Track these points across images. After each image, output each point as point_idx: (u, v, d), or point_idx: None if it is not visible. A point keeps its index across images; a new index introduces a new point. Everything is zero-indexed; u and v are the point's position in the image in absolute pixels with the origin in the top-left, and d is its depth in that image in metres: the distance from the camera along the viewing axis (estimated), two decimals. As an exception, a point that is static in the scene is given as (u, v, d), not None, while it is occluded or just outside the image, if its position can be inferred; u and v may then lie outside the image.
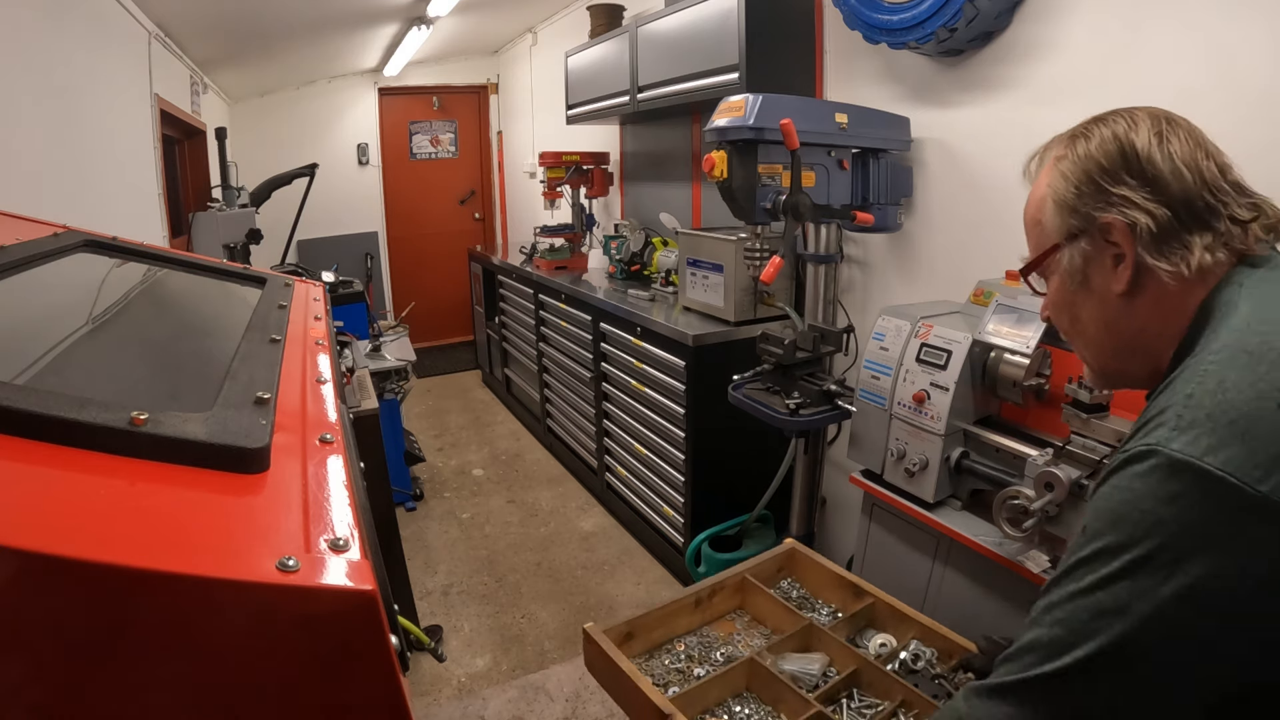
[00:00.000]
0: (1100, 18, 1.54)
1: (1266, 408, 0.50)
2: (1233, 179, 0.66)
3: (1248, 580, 0.50)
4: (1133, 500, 0.53)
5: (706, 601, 1.24)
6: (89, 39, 2.35)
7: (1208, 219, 0.64)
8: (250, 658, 0.44)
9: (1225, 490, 0.49)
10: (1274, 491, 0.48)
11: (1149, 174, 0.65)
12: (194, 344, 0.99)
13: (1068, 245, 0.70)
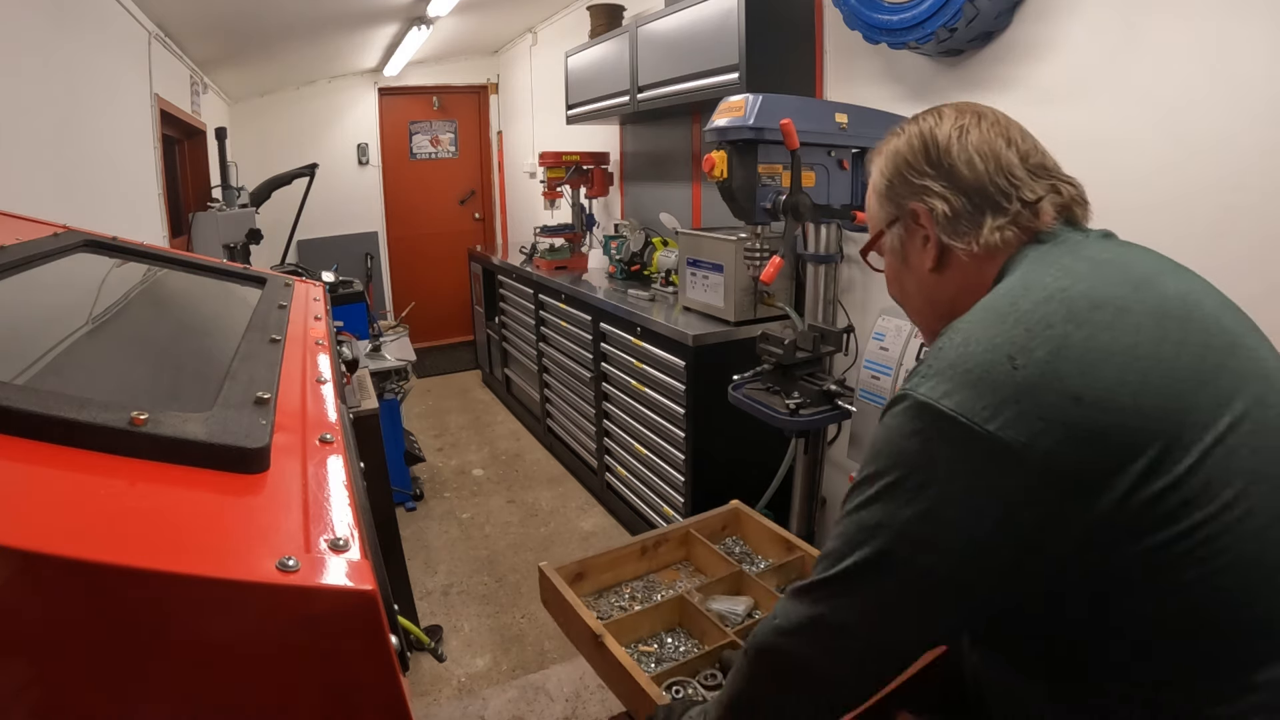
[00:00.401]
0: (1100, 17, 1.54)
1: (999, 360, 0.58)
2: (1034, 163, 0.74)
3: (976, 507, 0.58)
4: (887, 435, 0.63)
5: (653, 550, 1.37)
6: (89, 39, 2.35)
7: (999, 202, 0.72)
8: (250, 658, 0.44)
9: (956, 427, 0.58)
10: (999, 430, 0.56)
11: (946, 165, 0.73)
12: (194, 344, 0.99)
13: (889, 229, 0.80)
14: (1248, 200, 1.35)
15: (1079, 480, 0.56)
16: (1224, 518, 0.56)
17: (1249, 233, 1.36)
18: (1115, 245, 0.72)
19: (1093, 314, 0.60)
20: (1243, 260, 1.37)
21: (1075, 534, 0.57)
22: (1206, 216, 1.42)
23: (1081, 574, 0.58)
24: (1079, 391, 0.56)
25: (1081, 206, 0.76)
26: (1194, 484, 0.56)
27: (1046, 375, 0.57)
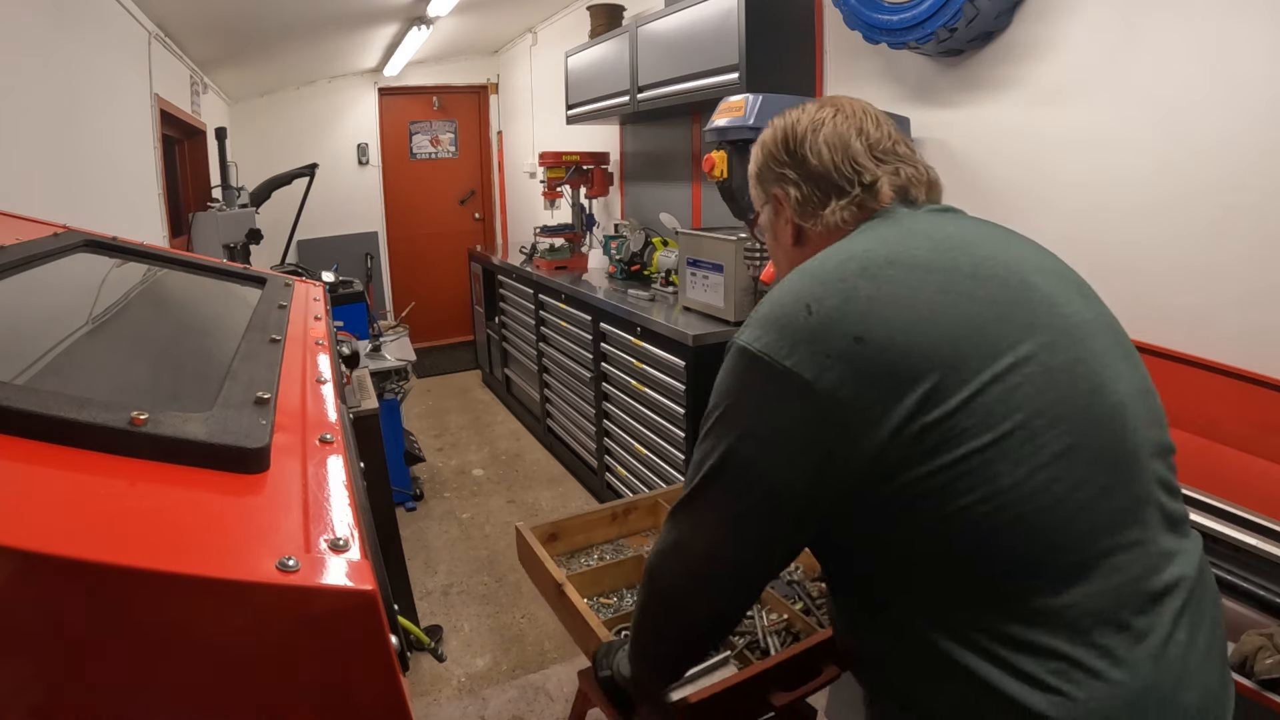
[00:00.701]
0: (1100, 17, 1.54)
1: (798, 309, 0.68)
2: (882, 150, 0.82)
3: (781, 432, 0.67)
4: (719, 377, 0.73)
5: (623, 517, 1.46)
6: (89, 39, 2.35)
7: (842, 186, 0.81)
8: (250, 658, 0.44)
9: (762, 364, 0.67)
10: (794, 365, 0.65)
11: (800, 155, 0.84)
12: (194, 344, 0.99)
13: (763, 210, 0.92)
14: (1248, 200, 1.35)
15: (861, 410, 0.63)
16: (1001, 446, 0.62)
17: (1249, 232, 1.36)
18: (939, 217, 0.80)
19: (884, 269, 0.68)
20: (1243, 259, 1.37)
21: (860, 459, 0.64)
22: (1206, 216, 1.42)
23: (869, 498, 0.65)
24: (860, 333, 0.64)
25: (919, 186, 0.83)
26: (968, 416, 0.62)
27: (834, 320, 0.66)
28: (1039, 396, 0.64)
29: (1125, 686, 0.61)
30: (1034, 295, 0.70)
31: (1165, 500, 0.70)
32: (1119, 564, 0.64)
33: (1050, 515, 0.63)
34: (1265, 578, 1.04)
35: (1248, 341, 1.37)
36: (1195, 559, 0.70)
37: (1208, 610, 0.70)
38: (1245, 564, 1.07)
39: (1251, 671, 0.95)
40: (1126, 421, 0.68)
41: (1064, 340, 0.68)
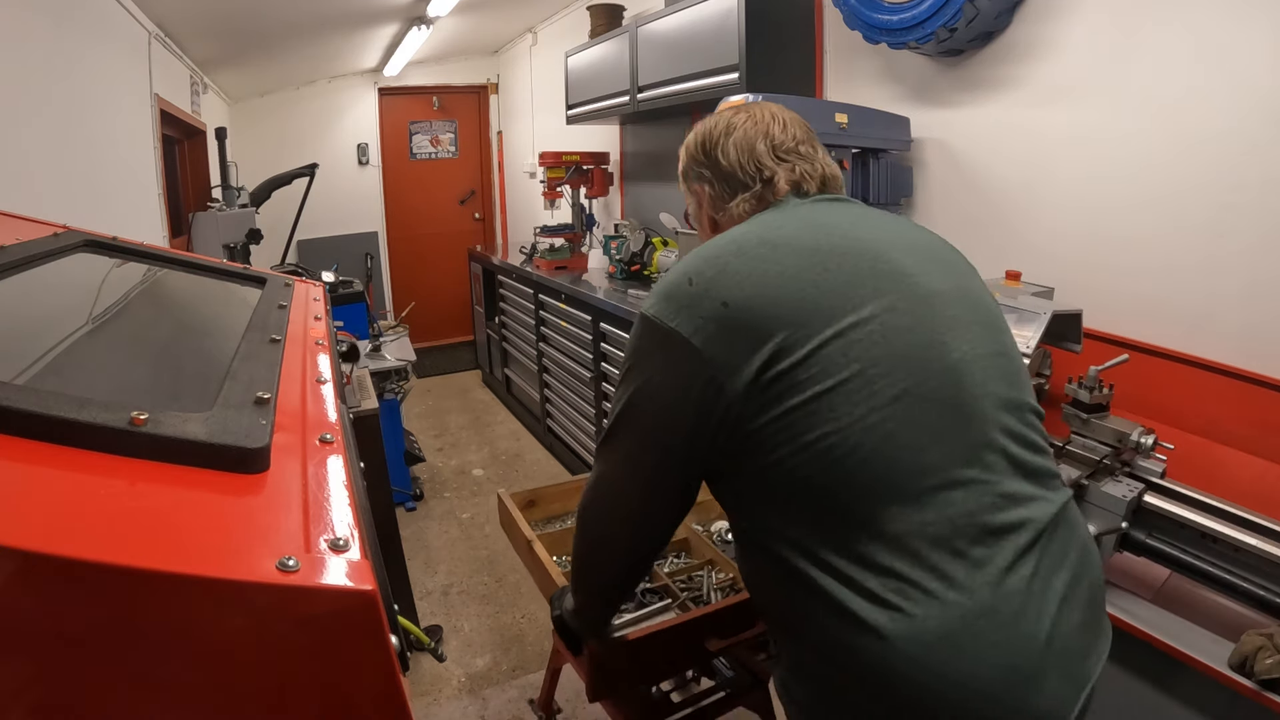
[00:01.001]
0: (1100, 18, 1.54)
1: (683, 281, 0.81)
2: (784, 149, 0.94)
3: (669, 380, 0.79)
4: (629, 337, 0.85)
5: None
6: (89, 39, 2.35)
7: (745, 182, 0.94)
8: (250, 658, 0.44)
9: (654, 326, 0.80)
10: (677, 326, 0.78)
11: (713, 157, 0.97)
12: (194, 344, 0.99)
13: (689, 201, 1.04)
14: (1247, 199, 1.35)
15: (726, 361, 0.76)
16: (841, 390, 0.73)
17: (1248, 232, 1.36)
18: (821, 205, 0.92)
19: (756, 249, 0.81)
20: (1242, 259, 1.37)
21: (728, 402, 0.76)
22: (1206, 216, 1.42)
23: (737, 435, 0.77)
24: (727, 300, 0.77)
25: (812, 180, 0.94)
26: (811, 365, 0.74)
27: (708, 289, 0.79)
28: (875, 350, 0.75)
29: (960, 606, 0.69)
30: (883, 268, 0.81)
31: (1017, 450, 0.78)
32: (954, 499, 0.73)
33: (885, 450, 0.73)
34: (1265, 578, 1.04)
35: (1248, 341, 1.37)
36: (1052, 510, 0.78)
37: (1069, 558, 0.78)
38: (1245, 564, 1.07)
39: (1251, 671, 0.95)
40: (966, 377, 0.78)
41: (906, 305, 0.79)
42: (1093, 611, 0.79)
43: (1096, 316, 1.52)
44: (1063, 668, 0.74)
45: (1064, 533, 0.79)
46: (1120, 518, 1.13)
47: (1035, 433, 0.82)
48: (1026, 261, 1.70)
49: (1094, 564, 0.83)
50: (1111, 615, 1.11)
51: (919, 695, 0.69)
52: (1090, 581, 0.80)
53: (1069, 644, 0.74)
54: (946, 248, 0.92)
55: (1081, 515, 0.86)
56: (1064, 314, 1.38)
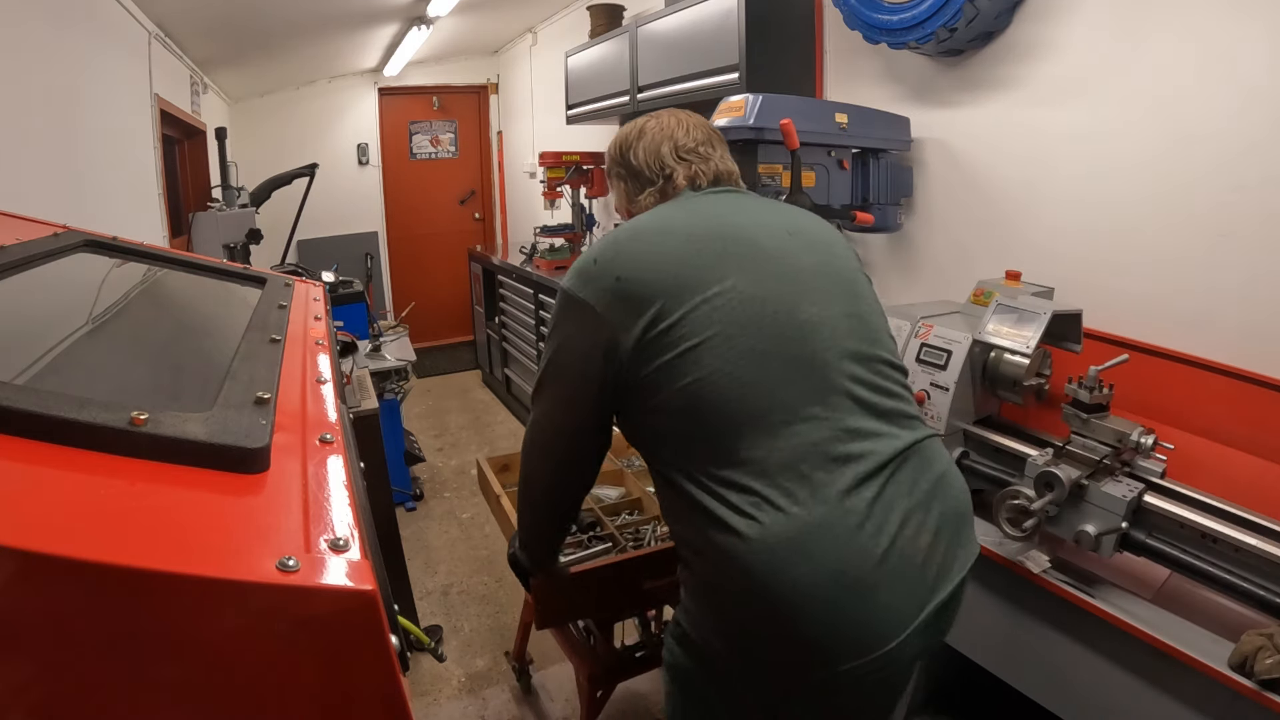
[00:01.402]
0: (1100, 18, 1.54)
1: (590, 261, 0.99)
2: (685, 150, 1.12)
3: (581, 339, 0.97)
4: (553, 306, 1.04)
5: None
6: (89, 39, 2.35)
7: (650, 179, 1.13)
8: (250, 658, 0.44)
9: (569, 297, 0.98)
10: (584, 296, 0.96)
11: (625, 158, 1.15)
12: (194, 344, 0.99)
13: (612, 192, 1.23)
14: (1247, 198, 1.35)
15: (620, 324, 0.93)
16: (705, 346, 0.90)
17: (1249, 232, 1.36)
18: (711, 196, 1.09)
19: (647, 234, 1.00)
20: (1243, 259, 1.37)
21: (623, 356, 0.93)
22: (1206, 215, 1.42)
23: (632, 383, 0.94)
24: (620, 275, 0.95)
25: (705, 176, 1.11)
26: (682, 327, 0.91)
27: (607, 267, 0.97)
28: (734, 314, 0.92)
29: (800, 519, 0.85)
30: (747, 248, 0.98)
31: (864, 394, 0.94)
32: (800, 431, 0.88)
33: (741, 392, 0.89)
34: (1265, 578, 1.04)
35: (1247, 341, 1.37)
36: (900, 445, 0.92)
37: (919, 488, 0.91)
38: (1245, 564, 1.07)
39: (1251, 671, 0.95)
40: (814, 335, 0.94)
41: (764, 278, 0.95)
42: (944, 538, 0.91)
43: (1096, 316, 1.52)
44: (900, 583, 0.86)
45: (915, 465, 0.93)
46: (1120, 518, 1.13)
47: (888, 380, 0.98)
48: (1027, 261, 1.70)
49: (951, 495, 0.95)
50: (1111, 615, 1.11)
51: (770, 593, 0.84)
52: (943, 511, 0.92)
53: (909, 563, 0.87)
54: (820, 230, 1.10)
55: (945, 453, 0.99)
56: (1064, 314, 1.38)
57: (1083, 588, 1.18)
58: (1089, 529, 1.15)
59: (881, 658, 0.85)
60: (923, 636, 0.89)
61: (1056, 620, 1.24)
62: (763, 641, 0.88)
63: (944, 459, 0.98)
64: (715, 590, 0.92)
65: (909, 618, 0.87)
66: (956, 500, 0.96)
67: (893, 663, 0.87)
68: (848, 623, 0.84)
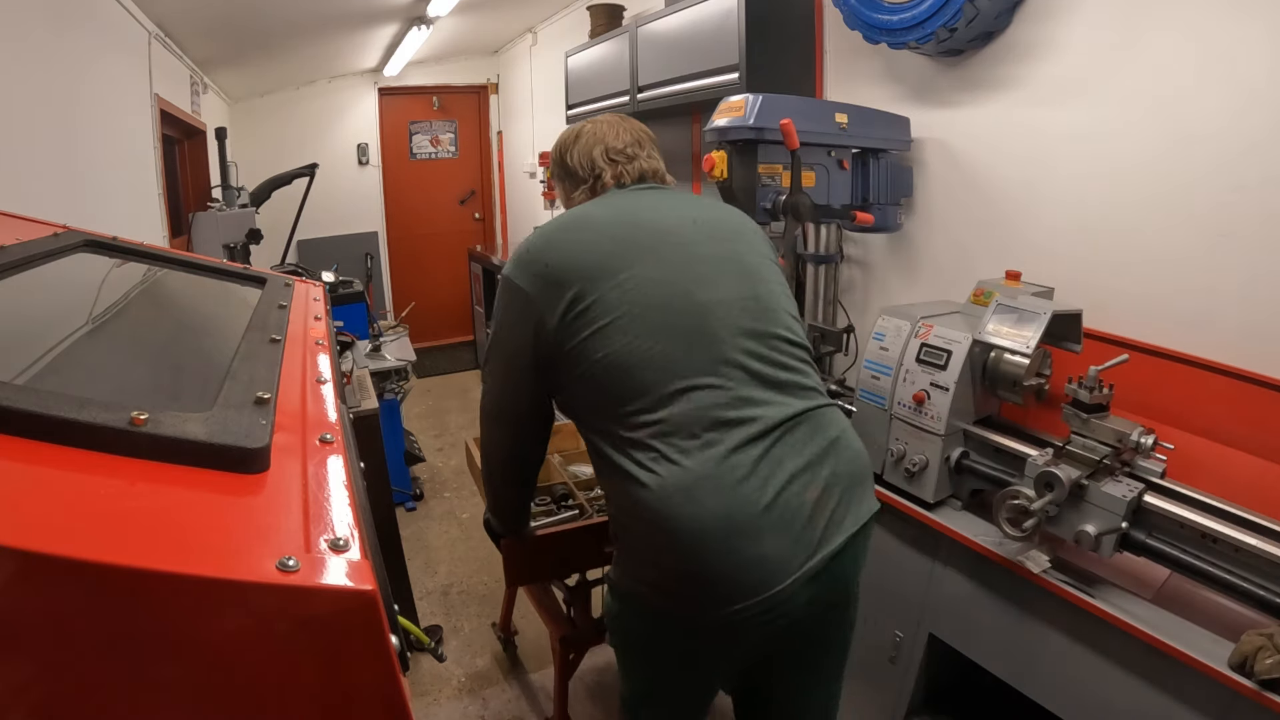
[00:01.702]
0: (1100, 17, 1.54)
1: (524, 250, 1.13)
2: (615, 152, 1.24)
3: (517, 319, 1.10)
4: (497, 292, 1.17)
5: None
6: (89, 39, 2.35)
7: (583, 179, 1.27)
8: (250, 658, 0.44)
9: (508, 282, 1.12)
10: (520, 282, 1.10)
11: (563, 160, 1.30)
12: (194, 344, 0.99)
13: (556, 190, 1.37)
14: (1247, 198, 1.35)
15: (546, 305, 1.07)
16: (615, 324, 1.03)
17: (1249, 233, 1.36)
18: (633, 193, 1.23)
19: (572, 227, 1.14)
20: (1243, 259, 1.37)
21: (549, 333, 1.07)
22: (1206, 215, 1.42)
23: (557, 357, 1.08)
24: (548, 262, 1.09)
25: (630, 175, 1.24)
26: (596, 307, 1.04)
27: (537, 255, 1.11)
28: (639, 297, 1.04)
29: (691, 472, 0.98)
30: (656, 239, 1.11)
31: (758, 367, 1.06)
32: (695, 398, 1.01)
33: (645, 364, 1.02)
34: (1265, 578, 1.04)
35: (1248, 341, 1.37)
36: (789, 412, 1.04)
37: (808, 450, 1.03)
38: (1245, 564, 1.07)
39: (1251, 671, 0.95)
40: (711, 315, 1.06)
41: (668, 264, 1.08)
42: (835, 494, 1.03)
43: (1096, 316, 1.52)
44: (785, 532, 0.98)
45: (806, 430, 1.05)
46: (1120, 518, 1.13)
47: (783, 355, 1.10)
48: (1027, 261, 1.70)
49: (845, 458, 1.07)
50: (1111, 615, 1.12)
51: (668, 530, 0.97)
52: (835, 470, 1.04)
53: (794, 515, 0.99)
54: (728, 220, 1.23)
55: (842, 420, 1.12)
56: (1064, 314, 1.38)
57: (1083, 588, 1.18)
58: (1089, 529, 1.15)
59: (770, 599, 0.97)
60: (814, 585, 1.00)
61: (1056, 620, 1.24)
62: (668, 576, 1.00)
63: (839, 425, 1.10)
64: (629, 533, 1.06)
65: (795, 564, 0.98)
66: (851, 462, 1.08)
67: (782, 605, 0.98)
68: (736, 565, 0.97)
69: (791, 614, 1.00)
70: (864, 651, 1.70)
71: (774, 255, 1.23)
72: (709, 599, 0.98)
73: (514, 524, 1.42)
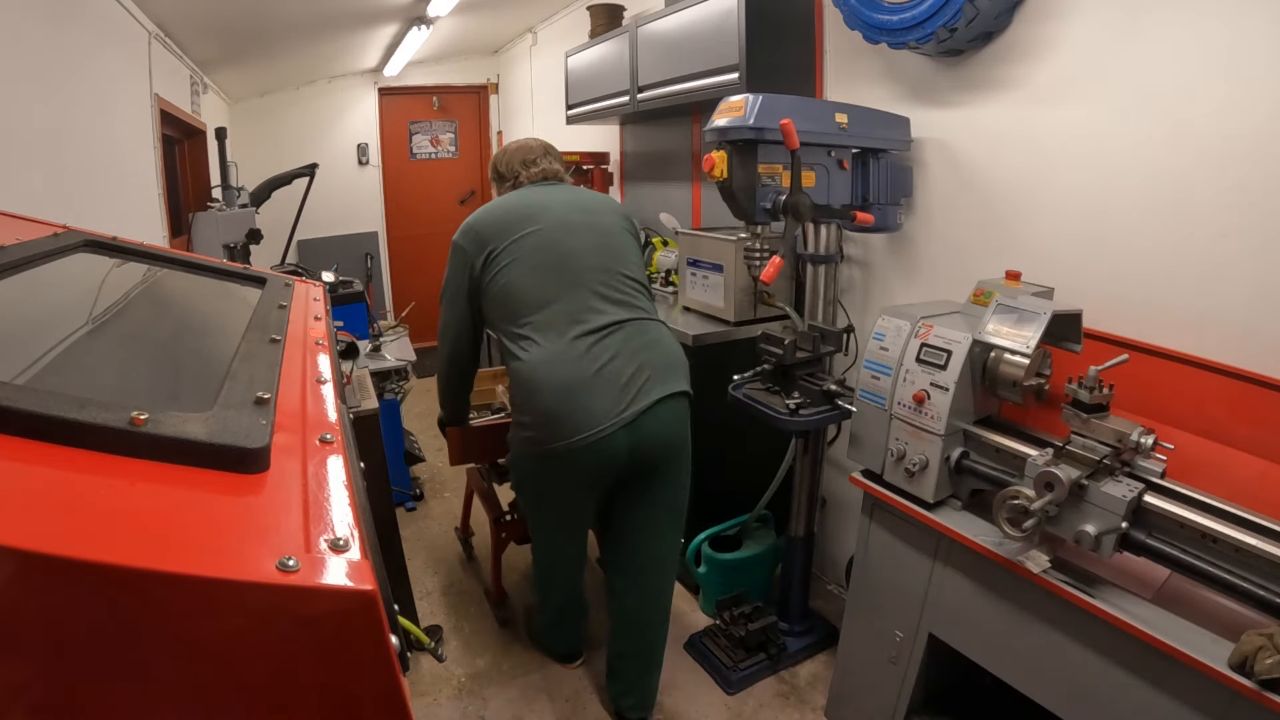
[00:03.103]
0: (1100, 17, 1.54)
1: (466, 223, 1.74)
2: (529, 159, 1.86)
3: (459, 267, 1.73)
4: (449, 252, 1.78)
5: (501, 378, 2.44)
6: (89, 39, 2.35)
7: (507, 179, 1.89)
8: (250, 658, 0.44)
9: (454, 244, 1.74)
10: (461, 242, 1.73)
11: (497, 166, 1.91)
12: (194, 344, 0.99)
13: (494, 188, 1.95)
14: (1248, 199, 1.35)
15: (474, 255, 1.68)
16: (515, 265, 1.64)
17: (1249, 232, 1.36)
18: (535, 187, 1.82)
19: (494, 208, 1.73)
20: (1243, 259, 1.37)
21: (475, 273, 1.69)
22: (1207, 215, 1.42)
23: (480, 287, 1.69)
24: (476, 229, 1.70)
25: (535, 175, 1.84)
26: (503, 256, 1.64)
27: (471, 225, 1.72)
28: (528, 246, 1.64)
29: (549, 350, 1.56)
30: (544, 213, 1.70)
31: (604, 290, 1.64)
32: (556, 308, 1.60)
33: (529, 287, 1.62)
34: (1265, 578, 1.04)
35: (1248, 341, 1.37)
36: (618, 319, 1.61)
37: (628, 345, 1.60)
38: (1245, 564, 1.07)
39: (1251, 671, 0.95)
40: (574, 258, 1.65)
41: (549, 228, 1.67)
42: (645, 373, 1.59)
43: (1096, 316, 1.52)
44: (606, 392, 1.54)
45: (630, 331, 1.61)
46: (1120, 518, 1.13)
47: (622, 284, 1.67)
48: (1027, 261, 1.70)
49: (658, 352, 1.64)
50: (1111, 615, 1.12)
51: (533, 388, 1.56)
52: (648, 359, 1.61)
53: (612, 382, 1.55)
54: (594, 202, 1.81)
55: (662, 330, 1.70)
56: (1064, 314, 1.38)
57: (1083, 588, 1.18)
58: (1089, 529, 1.15)
59: (594, 435, 1.54)
60: (629, 433, 1.56)
61: (1056, 620, 1.24)
62: (535, 419, 1.57)
63: (659, 332, 1.68)
64: (514, 397, 1.64)
65: (612, 414, 1.55)
66: (663, 355, 1.64)
67: (605, 441, 1.54)
68: (572, 410, 1.53)
69: (618, 453, 1.57)
70: (864, 651, 1.70)
71: (632, 228, 1.82)
72: (556, 434, 1.54)
73: (457, 415, 2.05)
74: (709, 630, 2.21)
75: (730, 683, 2.03)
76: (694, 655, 2.17)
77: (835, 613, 2.31)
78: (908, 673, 1.57)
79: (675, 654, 2.18)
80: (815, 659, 2.16)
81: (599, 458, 1.54)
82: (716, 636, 2.16)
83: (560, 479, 1.62)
